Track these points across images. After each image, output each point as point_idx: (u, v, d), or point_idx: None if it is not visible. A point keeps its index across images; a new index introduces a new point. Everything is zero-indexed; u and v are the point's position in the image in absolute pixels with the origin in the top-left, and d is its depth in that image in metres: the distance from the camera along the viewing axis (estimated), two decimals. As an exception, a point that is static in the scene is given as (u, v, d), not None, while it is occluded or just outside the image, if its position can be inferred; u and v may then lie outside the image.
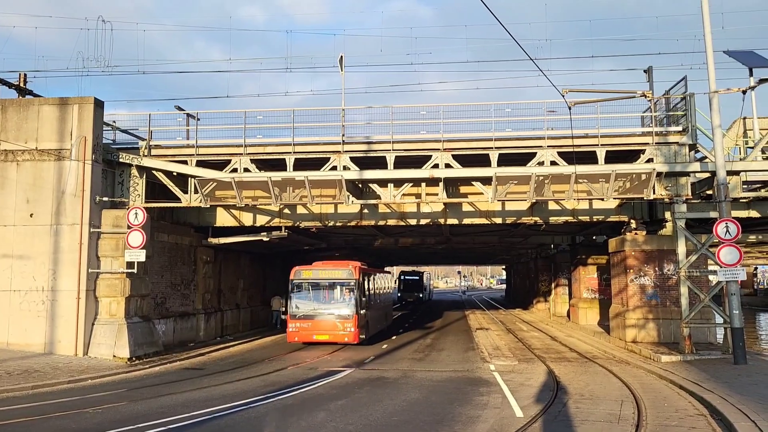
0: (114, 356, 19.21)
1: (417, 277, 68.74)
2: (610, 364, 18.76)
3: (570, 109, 17.29)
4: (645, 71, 22.94)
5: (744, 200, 21.81)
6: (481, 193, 21.13)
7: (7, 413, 11.86)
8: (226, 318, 29.04)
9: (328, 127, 21.34)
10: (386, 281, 33.60)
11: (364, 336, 23.98)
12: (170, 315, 24.05)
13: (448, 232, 31.86)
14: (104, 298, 19.90)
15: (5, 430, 10.60)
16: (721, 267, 17.78)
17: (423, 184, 21.92)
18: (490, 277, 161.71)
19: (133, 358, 19.38)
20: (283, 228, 24.29)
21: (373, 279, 28.22)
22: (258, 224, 24.21)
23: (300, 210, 23.92)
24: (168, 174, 21.54)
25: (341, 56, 22.45)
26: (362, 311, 23.32)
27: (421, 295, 66.69)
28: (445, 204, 23.11)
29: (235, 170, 21.00)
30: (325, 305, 23.39)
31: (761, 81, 19.32)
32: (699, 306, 19.51)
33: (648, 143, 20.43)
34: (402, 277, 68.29)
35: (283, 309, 23.73)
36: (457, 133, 21.11)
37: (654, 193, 19.90)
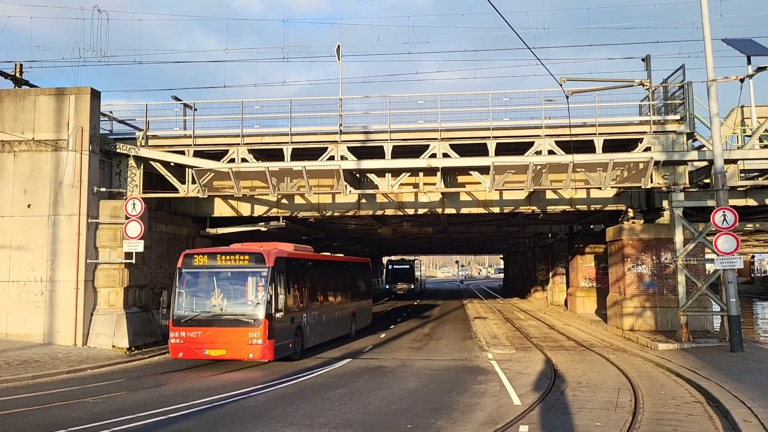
0: (113, 346, 19.26)
1: (407, 266, 61.45)
2: (608, 352, 18.86)
3: (568, 98, 17.27)
4: (643, 60, 22.92)
5: (741, 189, 21.85)
6: (479, 183, 21.14)
7: (6, 403, 11.90)
8: (224, 308, 28.99)
9: (326, 117, 21.32)
10: (352, 272, 26.24)
11: (291, 350, 17.53)
12: (169, 305, 24.06)
13: (445, 222, 31.89)
14: (103, 288, 19.92)
15: (5, 420, 10.64)
16: (718, 255, 17.84)
17: (421, 174, 21.91)
18: (488, 267, 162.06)
19: (132, 348, 19.43)
20: (281, 218, 24.27)
21: (320, 268, 21.70)
22: (256, 214, 24.20)
23: (298, 200, 23.91)
24: (165, 164, 21.50)
25: (338, 46, 22.40)
26: (279, 314, 16.46)
27: (412, 286, 59.60)
28: (442, 193, 23.10)
29: (232, 160, 20.97)
30: (223, 306, 16.62)
31: (759, 69, 19.29)
32: (696, 294, 19.59)
33: (646, 132, 20.43)
34: (390, 266, 62.60)
35: (165, 310, 17.24)
36: (454, 123, 21.11)
37: (651, 181, 19.92)
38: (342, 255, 25.85)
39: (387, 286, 60.48)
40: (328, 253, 24.81)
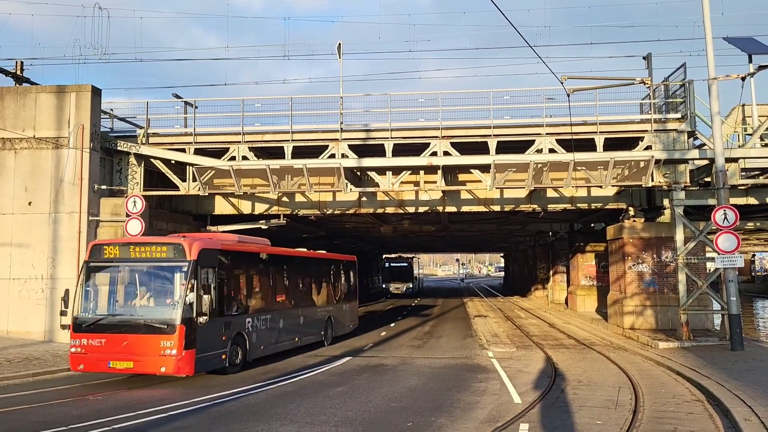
0: (114, 344, 19.24)
1: (405, 264, 60.06)
2: (608, 350, 18.86)
3: (569, 96, 17.26)
4: (644, 58, 22.89)
5: (742, 187, 21.83)
6: (480, 181, 21.14)
7: (8, 400, 11.91)
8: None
9: (327, 114, 21.33)
10: (329, 270, 22.62)
11: (224, 361, 14.65)
12: (169, 303, 24.03)
13: (446, 220, 31.91)
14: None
15: (6, 417, 10.65)
16: (719, 254, 17.83)
17: (421, 172, 21.90)
18: (489, 265, 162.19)
19: (133, 346, 19.38)
20: (281, 216, 24.30)
21: (278, 265, 18.48)
22: (257, 212, 24.21)
23: (298, 198, 23.91)
24: (166, 162, 21.51)
25: (339, 43, 22.42)
26: (203, 318, 13.55)
27: (410, 285, 57.97)
28: (443, 192, 23.10)
29: (233, 158, 20.98)
30: (134, 308, 13.96)
31: (760, 67, 19.27)
32: (697, 293, 19.59)
33: (647, 130, 20.42)
34: (387, 265, 61.20)
35: (65, 313, 14.14)
36: (455, 121, 21.10)
37: (652, 180, 19.92)
38: (324, 252, 23.59)
39: (383, 285, 59.09)
40: (304, 249, 22.15)
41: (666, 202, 21.93)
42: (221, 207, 24.43)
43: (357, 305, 25.46)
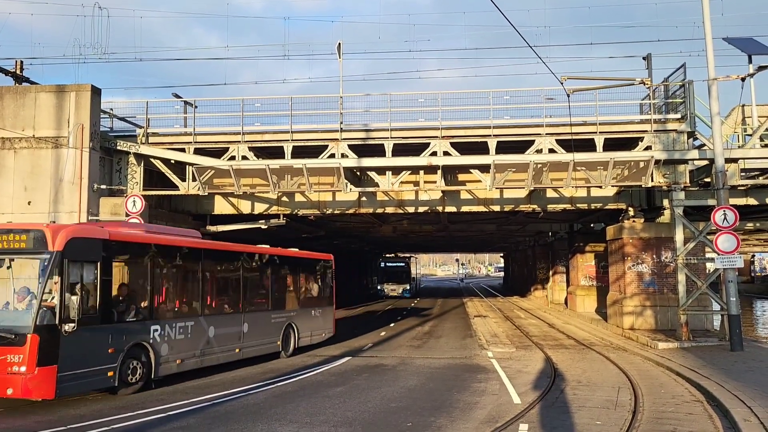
0: (113, 344, 19.20)
1: (402, 264, 58.12)
2: (608, 351, 18.86)
3: (568, 96, 17.27)
4: (644, 58, 22.90)
5: (742, 188, 21.84)
6: (480, 181, 21.14)
7: (8, 401, 11.90)
8: (224, 306, 28.77)
9: (326, 114, 21.33)
10: (292, 270, 19.64)
11: (111, 379, 11.84)
12: (169, 303, 23.99)
13: (446, 220, 31.90)
14: (103, 285, 19.88)
15: (7, 417, 10.65)
16: (718, 254, 17.84)
17: (421, 172, 21.89)
18: (488, 265, 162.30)
19: (133, 346, 19.30)
20: (281, 216, 24.28)
21: (210, 261, 15.62)
22: (256, 212, 24.19)
23: (298, 198, 23.90)
24: (166, 162, 21.50)
25: (339, 43, 22.42)
26: (70, 326, 10.82)
27: (407, 287, 55.79)
28: (443, 192, 23.09)
29: (233, 158, 20.97)
30: None
31: (760, 68, 19.29)
32: (696, 293, 19.59)
33: (646, 131, 20.43)
34: (383, 265, 58.96)
35: None
36: (455, 121, 21.11)
37: (652, 180, 19.92)
38: (297, 249, 20.69)
39: (378, 287, 57.13)
40: (267, 246, 19.04)
41: (666, 202, 21.93)
42: (221, 207, 24.42)
43: (333, 310, 22.04)
